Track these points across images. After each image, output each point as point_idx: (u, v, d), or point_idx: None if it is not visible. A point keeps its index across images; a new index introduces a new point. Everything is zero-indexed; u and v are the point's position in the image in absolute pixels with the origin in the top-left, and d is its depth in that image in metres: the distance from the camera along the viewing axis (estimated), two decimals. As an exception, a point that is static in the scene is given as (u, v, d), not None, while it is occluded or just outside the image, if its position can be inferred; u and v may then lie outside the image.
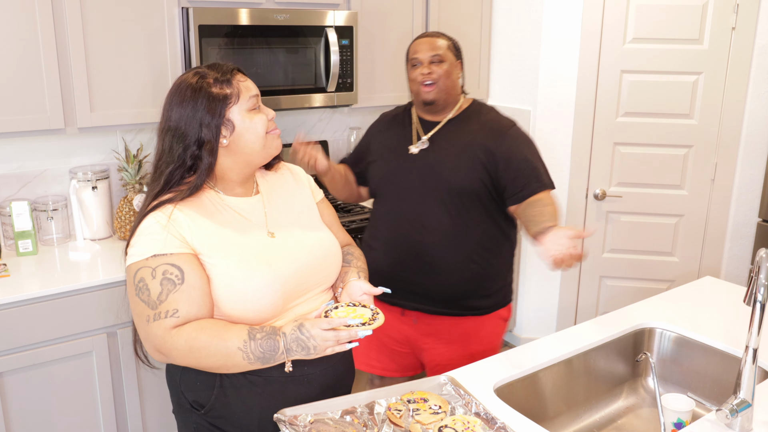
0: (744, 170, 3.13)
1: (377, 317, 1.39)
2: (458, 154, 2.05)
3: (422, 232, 2.06)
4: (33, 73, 2.22)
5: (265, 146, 1.49)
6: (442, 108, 2.10)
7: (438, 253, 2.06)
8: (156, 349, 1.39)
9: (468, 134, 2.07)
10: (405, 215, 2.09)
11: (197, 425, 1.52)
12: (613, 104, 3.15)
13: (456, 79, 2.10)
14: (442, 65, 2.05)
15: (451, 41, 2.10)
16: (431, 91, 2.05)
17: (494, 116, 2.13)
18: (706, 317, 1.96)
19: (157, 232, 1.40)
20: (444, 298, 2.11)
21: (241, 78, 1.48)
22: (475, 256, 2.08)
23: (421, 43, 2.08)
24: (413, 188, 2.08)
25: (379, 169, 2.18)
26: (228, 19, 2.50)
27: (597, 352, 1.82)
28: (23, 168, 2.55)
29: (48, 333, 2.14)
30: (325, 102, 2.82)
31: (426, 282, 2.09)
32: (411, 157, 2.10)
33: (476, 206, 2.06)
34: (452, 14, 3.25)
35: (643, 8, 3.03)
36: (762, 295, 1.34)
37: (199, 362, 1.37)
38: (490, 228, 2.09)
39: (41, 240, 2.54)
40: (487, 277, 2.11)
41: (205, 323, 1.37)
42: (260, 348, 1.35)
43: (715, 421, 1.43)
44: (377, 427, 1.40)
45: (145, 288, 1.38)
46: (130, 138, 2.72)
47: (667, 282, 3.31)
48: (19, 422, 2.16)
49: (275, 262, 1.46)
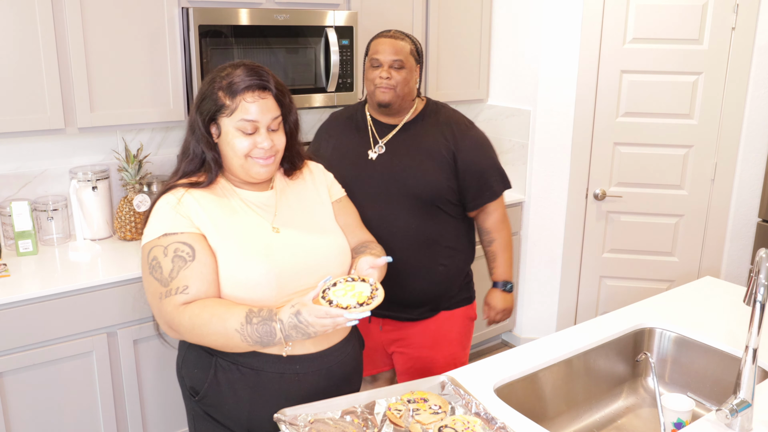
0: (744, 170, 3.13)
1: (376, 294, 1.38)
2: (423, 160, 2.03)
3: (389, 237, 2.01)
4: (33, 73, 2.22)
5: (243, 167, 1.49)
6: (397, 111, 2.08)
7: (407, 257, 2.03)
8: (168, 325, 1.42)
9: (428, 137, 2.06)
10: (370, 222, 1.99)
11: (194, 412, 1.57)
12: (613, 104, 3.15)
13: (414, 84, 2.07)
14: (401, 71, 2.01)
15: (413, 44, 2.06)
16: (387, 93, 2.02)
17: (452, 116, 2.12)
18: (706, 317, 1.96)
19: (167, 212, 1.46)
20: (413, 303, 2.11)
21: (250, 98, 1.45)
22: (443, 258, 2.09)
23: (384, 43, 2.02)
24: (376, 195, 2.04)
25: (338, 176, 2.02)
26: (228, 19, 2.50)
27: (597, 352, 1.82)
28: (23, 168, 2.55)
29: (48, 333, 2.14)
30: (325, 102, 2.82)
31: (395, 288, 2.00)
32: (370, 162, 2.06)
33: (441, 209, 2.07)
34: (452, 14, 3.25)
35: (643, 8, 3.03)
36: (762, 295, 1.34)
37: (202, 339, 1.40)
38: (455, 228, 2.12)
39: (41, 240, 2.54)
40: (454, 276, 2.14)
41: (209, 301, 1.40)
42: (257, 332, 1.36)
43: (715, 421, 1.43)
44: (377, 427, 1.40)
45: (157, 266, 1.42)
46: (130, 138, 2.72)
47: (667, 282, 3.31)
48: (19, 422, 2.16)
49: (273, 254, 1.48)
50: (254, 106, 1.45)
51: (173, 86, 2.50)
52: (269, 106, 1.48)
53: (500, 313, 2.22)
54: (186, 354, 1.57)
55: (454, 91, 3.35)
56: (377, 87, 2.02)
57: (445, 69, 3.29)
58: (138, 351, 2.33)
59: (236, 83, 1.45)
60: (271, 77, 1.49)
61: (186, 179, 1.51)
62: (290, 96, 1.55)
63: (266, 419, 1.47)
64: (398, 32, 2.06)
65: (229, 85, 1.46)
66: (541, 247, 3.44)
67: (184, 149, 1.54)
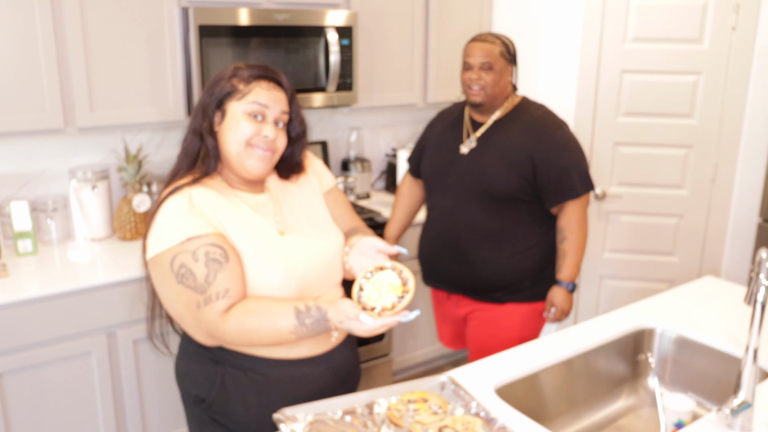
0: (744, 170, 3.13)
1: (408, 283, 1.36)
2: (500, 158, 2.15)
3: (458, 226, 2.21)
4: (33, 73, 2.22)
5: (240, 156, 1.45)
6: (489, 109, 2.21)
7: (472, 247, 2.20)
8: (209, 335, 1.39)
9: (510, 137, 2.17)
10: (446, 211, 2.24)
11: (200, 418, 1.55)
12: (613, 104, 3.15)
13: (505, 83, 2.18)
14: (491, 72, 2.13)
15: (504, 46, 2.16)
16: (478, 95, 2.15)
17: (540, 116, 2.21)
18: (706, 317, 1.96)
19: (182, 215, 1.38)
20: (476, 288, 2.26)
21: (265, 86, 1.46)
22: (508, 252, 2.20)
23: (475, 47, 2.15)
24: (455, 187, 2.21)
25: (430, 164, 2.31)
26: (228, 19, 2.50)
27: (597, 352, 1.82)
28: (23, 168, 2.55)
29: (47, 333, 2.14)
30: (324, 102, 2.82)
31: (460, 272, 2.25)
32: (460, 156, 2.22)
33: (513, 208, 2.17)
34: (452, 14, 3.25)
35: (643, 8, 3.03)
36: (762, 295, 1.34)
37: (252, 343, 1.40)
38: (526, 226, 2.20)
39: (41, 240, 2.54)
40: (521, 272, 2.22)
41: (251, 305, 1.37)
42: (312, 331, 1.37)
43: (716, 421, 1.43)
44: (377, 427, 1.39)
45: (189, 273, 1.34)
46: (130, 138, 2.72)
47: (667, 282, 3.30)
48: (18, 422, 2.15)
49: (289, 258, 1.46)
50: (267, 93, 1.46)
51: (173, 86, 2.50)
52: (281, 99, 1.49)
53: (562, 314, 2.27)
54: (190, 362, 1.53)
55: (454, 91, 3.34)
56: (469, 87, 2.16)
57: (445, 69, 3.29)
58: (138, 351, 2.33)
59: (251, 72, 1.47)
60: (285, 80, 1.52)
61: (185, 178, 1.47)
62: (299, 106, 1.55)
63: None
64: (491, 35, 2.18)
65: (243, 74, 1.46)
66: (541, 247, 3.44)
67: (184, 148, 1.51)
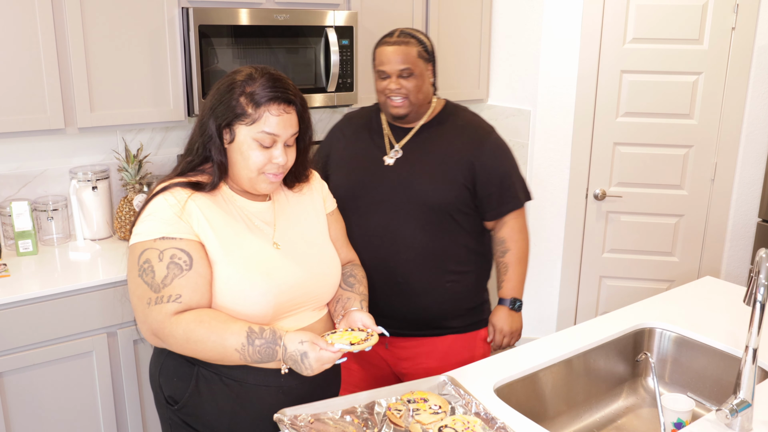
0: (744, 170, 3.13)
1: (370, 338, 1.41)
2: (435, 166, 1.90)
3: (393, 249, 1.89)
4: (33, 73, 2.22)
5: (251, 181, 1.45)
6: (414, 117, 1.95)
7: (411, 272, 1.91)
8: (153, 333, 1.37)
9: (444, 142, 1.93)
10: (374, 231, 1.90)
11: (171, 421, 1.52)
12: (613, 104, 3.15)
13: (428, 88, 1.93)
14: (411, 79, 1.86)
15: (421, 45, 1.89)
16: (401, 107, 1.89)
17: (473, 120, 2.00)
18: (706, 317, 1.96)
19: (167, 215, 1.38)
20: (418, 321, 1.96)
21: (275, 110, 1.40)
22: (451, 273, 1.95)
23: (388, 52, 1.86)
24: (383, 202, 1.91)
25: (346, 179, 1.96)
26: (228, 19, 2.50)
27: (597, 352, 1.82)
28: (23, 168, 2.55)
29: (48, 333, 2.14)
30: (325, 102, 2.82)
31: (397, 304, 1.93)
32: (383, 168, 1.92)
33: (452, 221, 1.92)
34: (452, 14, 3.25)
35: (643, 8, 3.03)
36: (762, 295, 1.34)
37: (195, 353, 1.37)
38: (467, 244, 1.97)
39: (41, 240, 2.54)
40: (464, 295, 1.99)
41: (205, 315, 1.35)
42: (258, 354, 1.35)
43: (715, 421, 1.43)
44: (377, 427, 1.40)
45: (149, 270, 1.36)
46: (130, 138, 2.72)
47: (667, 282, 3.31)
48: (19, 422, 2.16)
49: (274, 273, 1.45)
50: (278, 120, 1.40)
51: (173, 86, 2.50)
52: (292, 121, 1.43)
53: (507, 336, 2.03)
54: (164, 362, 1.50)
55: (454, 91, 3.34)
56: (388, 98, 1.89)
57: (445, 69, 3.29)
58: (138, 351, 2.33)
59: (261, 93, 1.39)
60: (296, 91, 1.45)
61: (185, 178, 1.46)
62: (309, 111, 1.50)
63: (247, 429, 1.45)
64: (402, 34, 1.89)
65: (253, 94, 1.39)
66: (541, 247, 3.44)
67: (188, 149, 1.49)
